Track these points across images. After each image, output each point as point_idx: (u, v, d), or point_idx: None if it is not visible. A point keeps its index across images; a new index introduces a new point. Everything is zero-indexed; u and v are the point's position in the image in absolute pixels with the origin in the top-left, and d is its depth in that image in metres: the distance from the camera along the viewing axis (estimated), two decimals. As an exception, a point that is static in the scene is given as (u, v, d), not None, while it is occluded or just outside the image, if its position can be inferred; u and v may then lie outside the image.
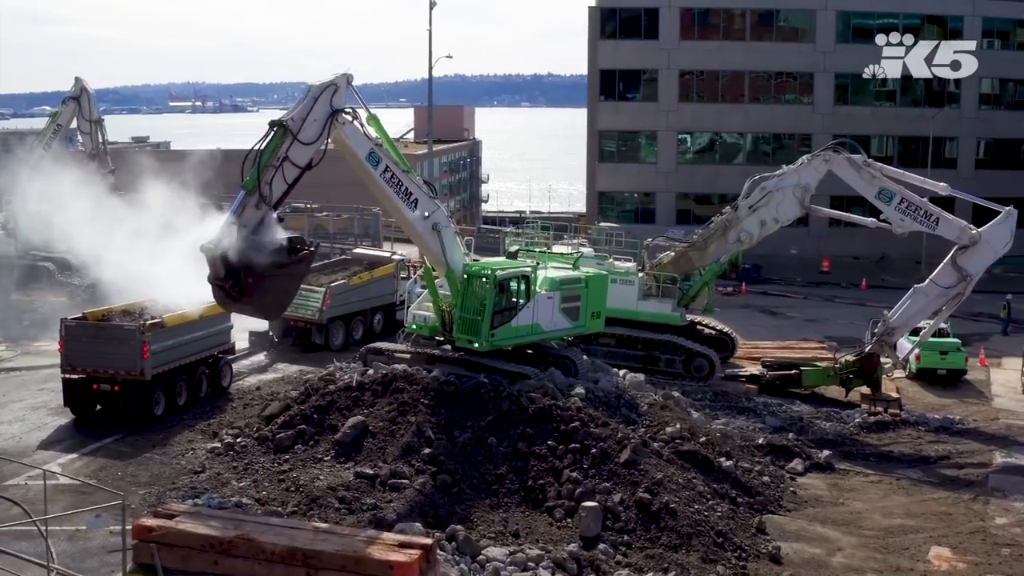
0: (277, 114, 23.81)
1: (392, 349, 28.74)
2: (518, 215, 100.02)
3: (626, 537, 20.50)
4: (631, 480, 21.91)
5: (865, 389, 33.89)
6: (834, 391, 34.67)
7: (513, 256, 30.44)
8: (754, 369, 35.93)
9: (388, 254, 43.23)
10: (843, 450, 28.71)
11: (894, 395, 33.98)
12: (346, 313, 37.77)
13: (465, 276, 26.66)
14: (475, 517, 20.61)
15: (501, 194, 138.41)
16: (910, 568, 21.24)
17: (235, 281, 21.47)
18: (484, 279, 26.83)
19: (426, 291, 28.31)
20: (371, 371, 26.49)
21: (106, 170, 49.47)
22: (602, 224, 61.24)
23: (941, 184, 32.90)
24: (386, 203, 25.80)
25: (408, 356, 27.73)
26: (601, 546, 19.90)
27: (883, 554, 21.91)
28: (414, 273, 42.29)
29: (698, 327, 37.58)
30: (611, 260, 37.01)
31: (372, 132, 24.59)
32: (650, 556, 19.58)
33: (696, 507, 21.79)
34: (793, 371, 34.71)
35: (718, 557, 20.30)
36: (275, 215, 22.44)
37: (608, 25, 67.26)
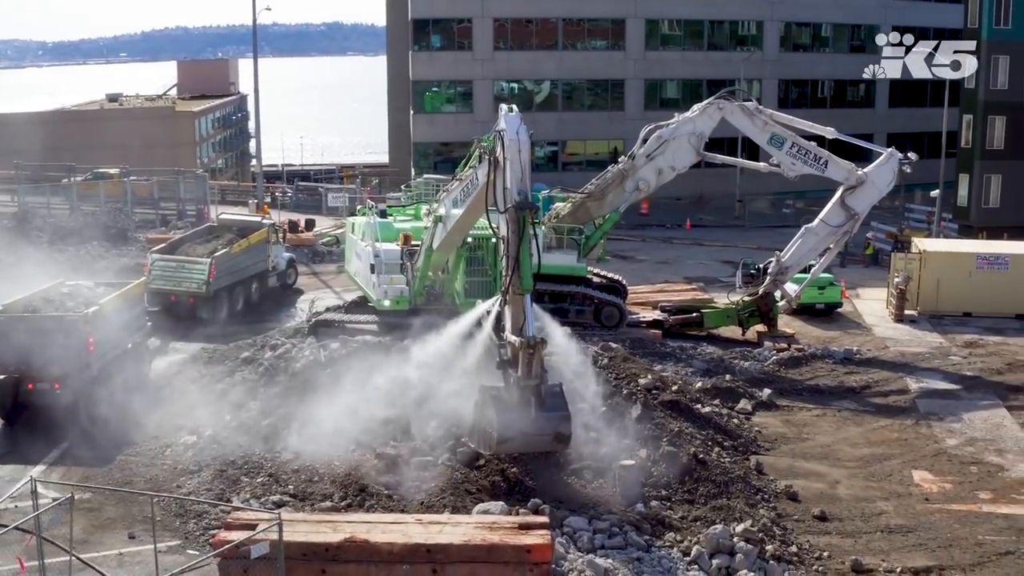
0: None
1: (348, 320, 27.38)
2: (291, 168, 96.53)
3: (664, 492, 20.65)
4: (650, 435, 22.03)
5: (761, 327, 35.57)
6: (728, 331, 36.14)
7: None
8: (654, 314, 36.78)
9: (258, 218, 40.78)
10: (776, 387, 30.03)
11: (788, 331, 35.82)
12: (230, 283, 35.50)
13: (468, 241, 25.83)
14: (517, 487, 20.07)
15: (273, 149, 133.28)
16: (908, 493, 22.71)
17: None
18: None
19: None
20: (335, 345, 25.09)
21: None
22: (428, 176, 60.27)
23: (828, 128, 34.72)
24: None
25: (374, 327, 26.51)
26: (654, 503, 19.94)
27: (876, 482, 23.29)
28: (279, 237, 40.29)
29: (588, 276, 37.89)
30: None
31: None
32: (716, 508, 19.82)
33: (713, 455, 22.25)
34: (694, 314, 35.87)
35: (755, 501, 20.86)
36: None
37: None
